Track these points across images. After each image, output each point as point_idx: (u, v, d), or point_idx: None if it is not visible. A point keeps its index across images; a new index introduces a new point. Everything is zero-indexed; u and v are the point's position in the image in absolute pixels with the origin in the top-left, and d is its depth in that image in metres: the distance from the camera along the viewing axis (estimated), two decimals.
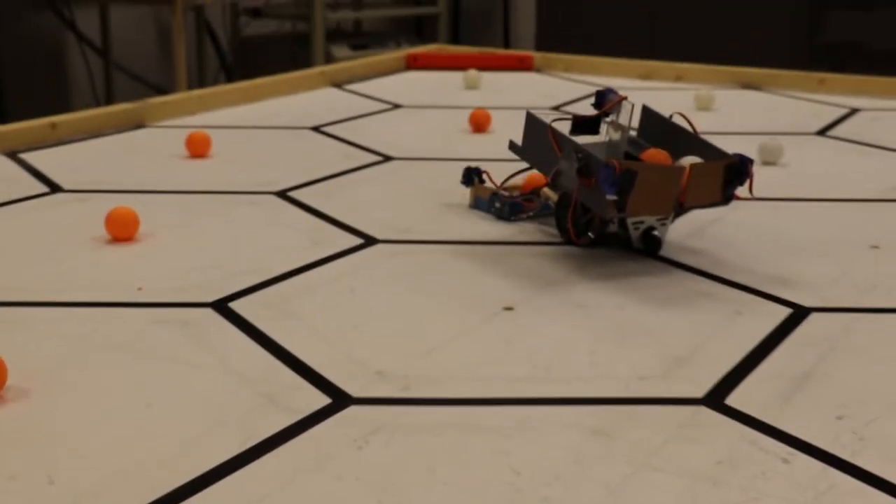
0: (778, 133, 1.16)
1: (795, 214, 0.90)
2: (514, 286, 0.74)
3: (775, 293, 0.72)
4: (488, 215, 0.89)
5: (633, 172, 0.71)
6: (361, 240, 0.83)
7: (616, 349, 0.63)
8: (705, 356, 0.63)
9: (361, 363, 0.62)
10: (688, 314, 0.69)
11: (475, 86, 1.46)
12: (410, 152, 1.11)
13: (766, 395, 0.58)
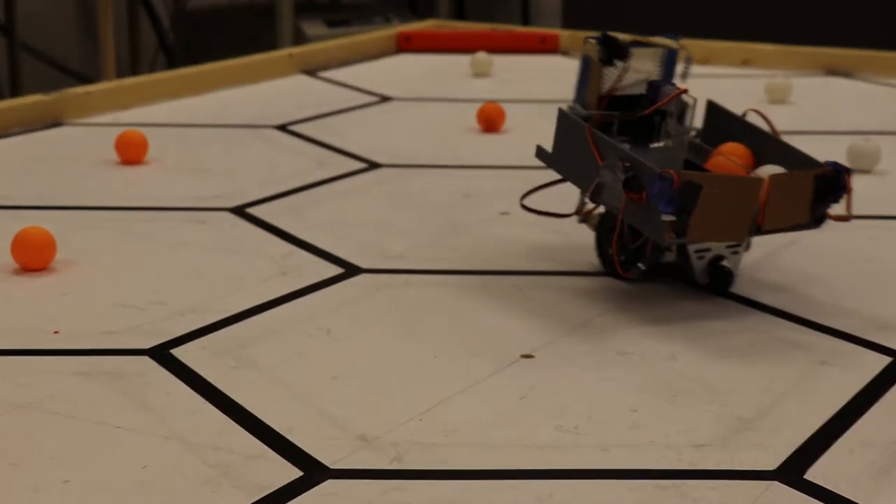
0: (873, 133, 1.17)
1: (891, 235, 0.91)
2: (536, 328, 0.74)
3: (870, 338, 0.73)
4: (510, 235, 0.90)
5: (696, 186, 0.71)
6: (341, 268, 0.84)
7: (665, 408, 0.64)
8: (779, 418, 0.63)
9: (340, 425, 0.62)
10: (757, 365, 0.70)
11: (485, 73, 1.48)
12: (402, 158, 1.12)
13: (857, 468, 0.58)
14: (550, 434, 0.61)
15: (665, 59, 0.80)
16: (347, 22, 3.15)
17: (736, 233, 0.74)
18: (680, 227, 0.71)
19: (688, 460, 0.59)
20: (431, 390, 0.66)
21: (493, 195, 1.00)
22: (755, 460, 0.59)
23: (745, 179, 0.74)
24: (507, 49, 1.60)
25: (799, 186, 0.74)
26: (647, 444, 0.60)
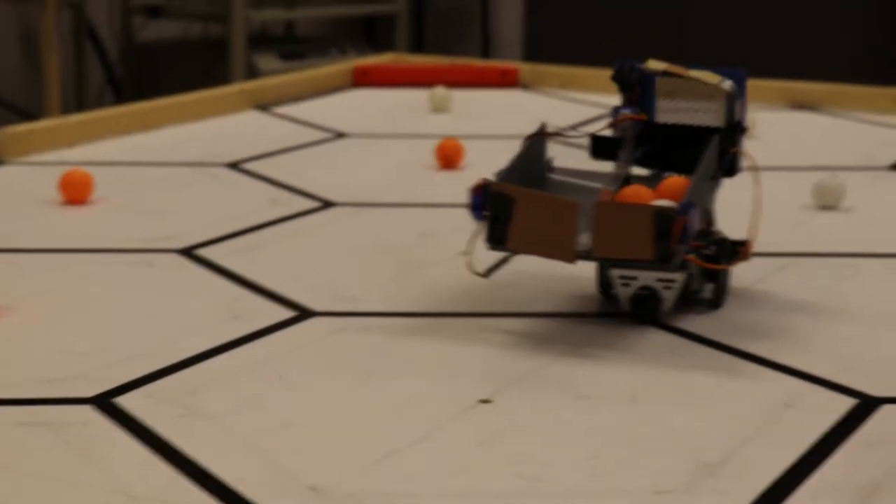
0: (840, 168, 1.19)
1: (860, 274, 0.92)
2: (494, 371, 0.75)
3: (835, 379, 0.74)
4: (468, 276, 0.91)
5: (507, 197, 0.75)
6: (294, 311, 0.84)
7: (627, 454, 0.64)
8: (743, 463, 0.64)
9: (292, 476, 0.62)
10: (721, 408, 0.70)
11: (444, 108, 1.49)
12: (358, 196, 1.13)
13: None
14: (509, 482, 0.62)
15: (730, 97, 0.81)
16: (302, 55, 3.16)
17: (562, 252, 0.76)
18: (496, 234, 0.77)
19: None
20: (387, 437, 0.66)
21: (450, 234, 1.01)
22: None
23: (557, 200, 0.76)
24: (466, 83, 1.61)
25: (632, 219, 0.75)
26: (608, 492, 0.61)
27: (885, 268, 0.94)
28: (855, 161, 1.25)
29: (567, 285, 0.88)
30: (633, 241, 0.75)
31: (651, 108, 0.84)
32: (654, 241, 0.74)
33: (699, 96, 0.82)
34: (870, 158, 1.26)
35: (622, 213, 0.76)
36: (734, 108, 0.82)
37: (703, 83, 0.81)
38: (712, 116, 0.82)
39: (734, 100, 0.82)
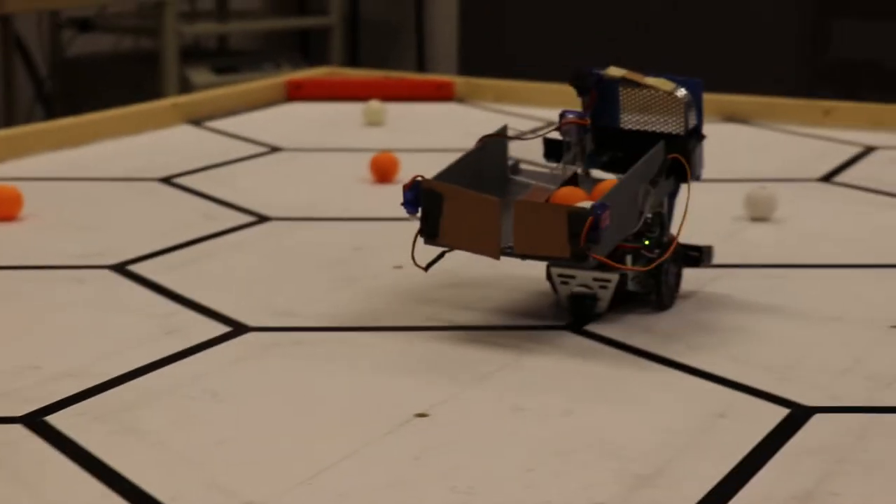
0: (770, 179, 1.20)
1: (793, 285, 0.93)
2: (430, 384, 0.75)
3: (768, 389, 0.74)
4: (404, 289, 0.91)
5: (437, 194, 0.78)
6: (228, 327, 0.84)
7: (562, 466, 0.65)
8: (678, 473, 0.64)
9: (226, 492, 0.62)
10: (655, 419, 0.71)
11: (379, 121, 1.49)
12: (293, 210, 1.12)
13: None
14: (444, 496, 0.62)
15: (688, 103, 0.84)
16: (236, 69, 3.15)
17: (489, 248, 0.79)
18: (429, 229, 0.79)
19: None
20: (321, 453, 0.66)
21: (385, 248, 1.01)
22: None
23: (481, 198, 0.79)
24: (401, 97, 1.62)
25: (548, 218, 0.77)
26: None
27: (816, 278, 0.96)
28: (786, 173, 1.27)
29: (504, 297, 0.89)
30: (551, 239, 0.77)
31: (613, 113, 0.86)
32: (569, 241, 0.76)
33: (661, 104, 0.84)
34: (800, 170, 1.28)
35: (540, 213, 0.78)
36: (689, 116, 0.84)
37: (658, 89, 0.84)
38: (673, 124, 0.85)
39: (689, 107, 0.83)
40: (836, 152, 1.36)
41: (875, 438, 0.68)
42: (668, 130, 0.85)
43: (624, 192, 0.80)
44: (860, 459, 0.66)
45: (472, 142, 1.38)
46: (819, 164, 1.30)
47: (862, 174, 1.26)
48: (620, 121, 0.86)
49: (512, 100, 1.61)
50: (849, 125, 1.46)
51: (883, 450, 0.67)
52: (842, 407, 0.72)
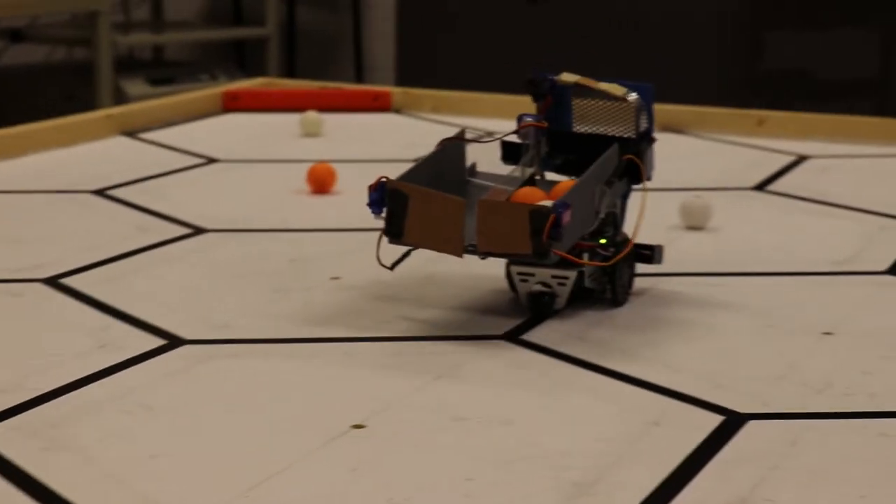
0: (705, 189, 1.21)
1: (727, 293, 0.94)
2: (368, 396, 0.75)
3: (702, 396, 0.75)
4: (341, 301, 0.90)
5: (401, 194, 0.81)
6: (163, 339, 0.83)
7: (501, 476, 0.65)
8: (614, 482, 0.65)
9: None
10: (592, 427, 0.71)
11: (316, 132, 1.48)
12: (229, 222, 1.12)
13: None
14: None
15: (639, 107, 0.87)
16: (171, 80, 3.13)
17: (452, 247, 0.81)
18: (394, 228, 0.82)
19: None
20: (257, 466, 0.66)
21: (322, 259, 1.01)
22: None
23: (445, 198, 0.81)
24: (338, 107, 1.61)
25: (511, 217, 0.79)
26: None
27: (750, 286, 0.96)
28: (720, 182, 1.28)
29: (442, 306, 0.89)
30: (513, 237, 0.79)
31: (566, 117, 0.89)
32: (531, 238, 0.78)
33: (612, 108, 0.88)
34: (735, 179, 1.29)
35: (502, 212, 0.80)
36: (640, 119, 0.87)
37: (610, 94, 0.87)
38: (624, 127, 0.88)
39: (640, 111, 0.87)
40: (770, 161, 1.37)
41: (808, 444, 0.69)
42: (619, 134, 0.88)
43: (582, 192, 0.82)
44: (793, 466, 0.67)
45: (410, 152, 1.39)
46: (753, 173, 1.31)
47: (795, 183, 1.28)
48: (573, 125, 0.89)
49: (450, 110, 1.61)
50: (781, 134, 1.48)
51: (816, 456, 0.68)
52: (775, 413, 0.73)
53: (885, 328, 0.87)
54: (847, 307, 0.91)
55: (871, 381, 0.78)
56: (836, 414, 0.73)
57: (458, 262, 0.97)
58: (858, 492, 0.63)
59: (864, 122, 1.49)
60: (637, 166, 0.87)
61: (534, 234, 0.78)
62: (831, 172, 1.33)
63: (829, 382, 0.77)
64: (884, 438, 0.70)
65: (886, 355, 0.81)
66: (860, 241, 1.08)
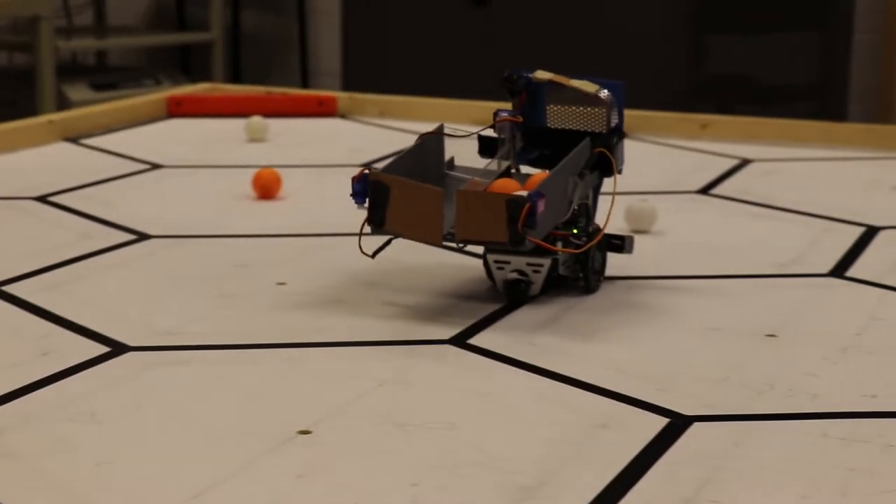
0: (650, 192, 1.22)
1: (672, 296, 0.95)
2: (315, 401, 0.75)
3: (647, 399, 0.75)
4: (287, 306, 0.90)
5: (383, 185, 0.84)
6: (107, 347, 0.83)
7: (446, 480, 0.65)
8: (560, 485, 0.65)
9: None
10: (538, 431, 0.71)
11: (261, 137, 1.48)
12: (174, 228, 1.11)
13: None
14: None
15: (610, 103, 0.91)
16: (114, 85, 3.11)
17: (431, 236, 0.84)
18: (376, 218, 0.85)
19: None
20: (204, 472, 0.65)
21: (269, 265, 1.01)
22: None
23: (425, 188, 0.84)
24: (283, 113, 1.61)
25: (489, 206, 0.83)
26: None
27: (695, 289, 0.97)
28: (665, 185, 1.29)
29: (386, 312, 0.89)
30: (490, 225, 0.83)
31: (540, 113, 0.93)
32: (507, 226, 0.82)
33: (585, 105, 0.92)
34: (679, 183, 1.30)
35: (480, 201, 0.84)
36: (611, 115, 0.91)
37: (583, 91, 0.91)
38: (595, 122, 0.92)
39: (611, 107, 0.91)
40: (713, 165, 1.38)
41: (751, 445, 0.70)
42: (591, 129, 0.92)
43: (555, 184, 0.86)
44: (737, 466, 0.67)
45: (356, 157, 1.39)
46: (697, 177, 1.32)
47: (738, 186, 1.29)
48: (547, 120, 0.93)
49: (396, 115, 1.61)
50: (725, 138, 1.49)
51: (759, 456, 0.68)
52: (719, 415, 0.74)
53: (827, 330, 0.88)
54: (790, 309, 0.92)
55: (814, 382, 0.78)
56: (778, 415, 0.74)
57: (402, 268, 0.98)
58: (801, 492, 0.64)
59: (806, 126, 1.51)
60: (608, 159, 0.90)
61: (510, 222, 0.82)
62: (775, 176, 1.35)
63: (771, 384, 0.78)
64: (825, 439, 0.70)
65: (828, 357, 0.82)
66: (803, 244, 1.09)
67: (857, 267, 1.02)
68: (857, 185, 1.32)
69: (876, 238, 1.11)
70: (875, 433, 0.71)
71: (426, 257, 0.99)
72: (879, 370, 0.81)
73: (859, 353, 0.83)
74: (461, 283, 0.95)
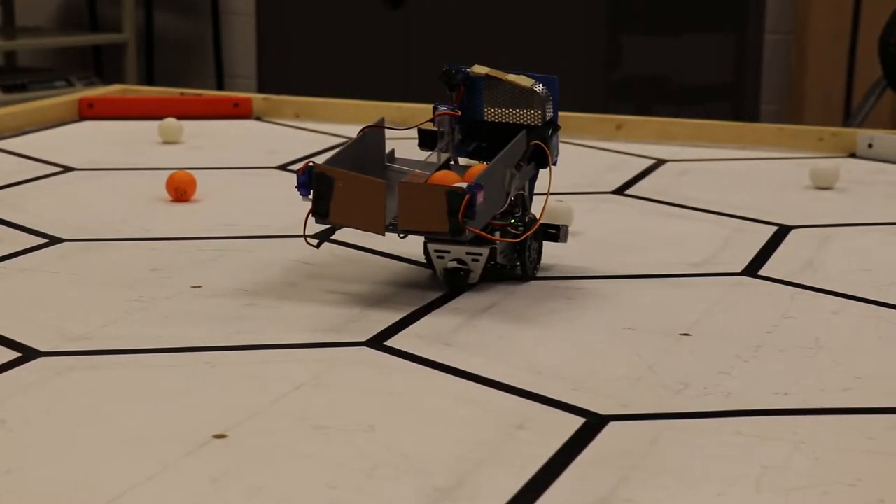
0: (567, 193, 1.23)
1: (587, 296, 0.96)
2: (230, 405, 0.74)
3: (563, 399, 0.76)
4: (202, 310, 0.90)
5: (327, 177, 0.86)
6: (17, 352, 0.82)
7: (364, 482, 0.65)
8: (477, 486, 0.65)
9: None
10: (455, 432, 0.72)
11: (175, 139, 1.47)
12: (87, 231, 1.10)
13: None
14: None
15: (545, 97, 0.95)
16: (25, 87, 3.07)
17: (375, 225, 0.87)
18: (320, 209, 0.87)
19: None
20: (118, 478, 0.65)
21: (183, 268, 1.00)
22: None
23: (368, 180, 0.87)
24: (198, 114, 1.60)
25: (431, 197, 0.86)
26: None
27: (611, 288, 0.98)
28: (581, 186, 1.30)
29: (303, 314, 0.89)
30: (431, 216, 0.86)
31: (478, 106, 0.96)
32: (448, 217, 0.85)
33: (520, 99, 0.95)
34: (595, 183, 1.31)
35: (421, 192, 0.87)
36: (546, 109, 0.94)
37: (519, 86, 0.94)
38: (530, 116, 0.94)
39: (546, 101, 0.94)
40: (629, 165, 1.40)
41: (667, 444, 0.70)
42: (527, 122, 0.95)
43: (493, 175, 0.89)
44: (652, 465, 0.68)
45: (272, 159, 1.38)
46: (612, 177, 1.34)
47: (653, 186, 1.30)
48: (484, 114, 0.96)
49: (311, 116, 1.61)
50: (640, 139, 1.51)
51: (674, 455, 0.69)
52: (635, 414, 0.74)
53: (740, 328, 0.89)
54: (704, 308, 0.93)
55: (727, 380, 0.79)
56: (693, 413, 0.75)
57: (321, 270, 0.98)
58: (716, 489, 0.65)
59: (719, 127, 1.53)
60: (543, 151, 0.93)
61: (450, 213, 0.85)
62: (689, 176, 1.36)
63: (686, 383, 0.79)
64: (739, 436, 0.71)
65: (740, 355, 0.83)
66: (717, 243, 1.10)
67: (769, 266, 1.04)
68: (770, 184, 1.34)
69: (788, 237, 1.13)
70: (787, 430, 0.72)
71: (353, 253, 1.00)
72: (790, 368, 0.82)
73: (771, 351, 0.84)
74: (400, 274, 0.96)
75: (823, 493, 0.65)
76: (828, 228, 1.16)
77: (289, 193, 0.93)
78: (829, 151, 1.48)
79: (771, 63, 3.33)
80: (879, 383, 0.80)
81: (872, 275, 1.02)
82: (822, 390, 0.78)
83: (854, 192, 1.30)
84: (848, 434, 0.72)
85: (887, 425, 0.74)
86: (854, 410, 0.76)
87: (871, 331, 0.90)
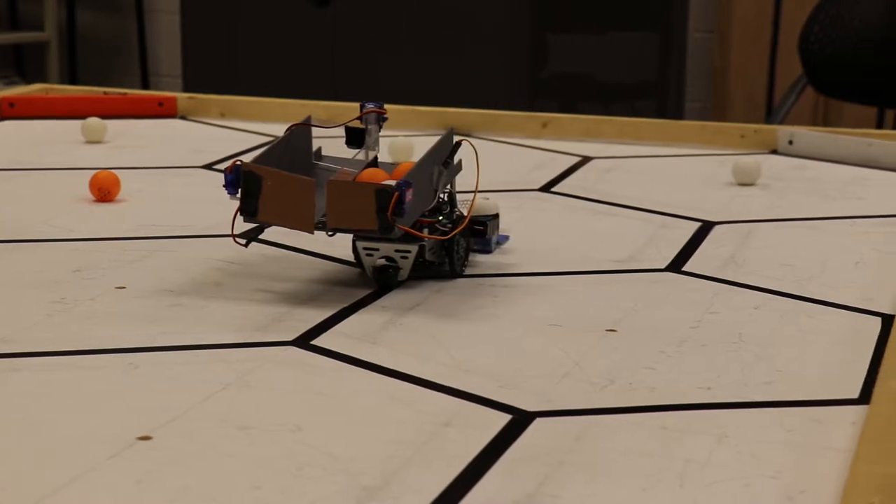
0: (493, 190, 1.23)
1: (513, 293, 0.96)
2: (155, 406, 0.74)
3: (491, 396, 0.76)
4: (126, 311, 0.89)
5: (256, 176, 0.87)
6: None
7: (290, 483, 0.65)
8: (403, 484, 0.65)
9: None
10: (381, 430, 0.72)
11: (98, 139, 1.45)
12: (7, 232, 1.09)
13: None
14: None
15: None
16: None
17: (304, 224, 0.87)
18: (248, 208, 0.88)
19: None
20: (39, 482, 0.64)
21: (107, 269, 0.99)
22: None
23: (297, 179, 0.87)
24: (122, 114, 1.59)
25: (360, 195, 0.86)
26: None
27: (537, 286, 0.98)
28: (508, 184, 1.30)
29: (228, 314, 0.88)
30: (360, 214, 0.86)
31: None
32: (377, 215, 0.86)
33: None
34: (522, 181, 1.32)
35: (350, 191, 0.87)
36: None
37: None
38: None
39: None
40: (555, 163, 1.40)
41: (593, 440, 0.71)
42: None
43: (421, 173, 0.91)
44: (579, 461, 0.68)
45: (197, 158, 1.37)
46: (539, 175, 1.34)
47: (579, 183, 1.31)
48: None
49: (237, 115, 1.60)
50: (566, 136, 1.52)
51: (600, 450, 0.70)
52: (560, 410, 0.75)
53: (665, 323, 0.90)
54: (629, 304, 0.94)
55: (652, 375, 0.80)
56: (619, 409, 0.75)
57: (249, 269, 0.97)
58: (641, 484, 0.66)
59: (645, 124, 1.54)
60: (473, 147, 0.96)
61: (379, 211, 0.85)
62: (614, 173, 1.37)
63: (612, 378, 0.79)
64: (664, 431, 0.72)
65: (664, 350, 0.84)
66: (642, 240, 1.11)
67: (693, 261, 1.05)
68: (693, 181, 1.35)
69: (711, 233, 1.14)
70: (710, 424, 0.73)
71: (281, 252, 0.99)
72: (714, 362, 0.83)
73: (695, 346, 0.85)
74: (328, 272, 0.96)
75: (745, 486, 0.65)
76: (750, 224, 1.18)
77: (214, 193, 0.92)
78: (751, 148, 1.50)
79: (695, 61, 3.36)
80: (800, 376, 0.81)
81: (794, 269, 1.03)
82: (744, 384, 0.79)
83: (775, 189, 1.32)
84: (770, 427, 0.73)
85: (808, 417, 0.75)
86: (775, 403, 0.77)
87: (792, 325, 0.91)
